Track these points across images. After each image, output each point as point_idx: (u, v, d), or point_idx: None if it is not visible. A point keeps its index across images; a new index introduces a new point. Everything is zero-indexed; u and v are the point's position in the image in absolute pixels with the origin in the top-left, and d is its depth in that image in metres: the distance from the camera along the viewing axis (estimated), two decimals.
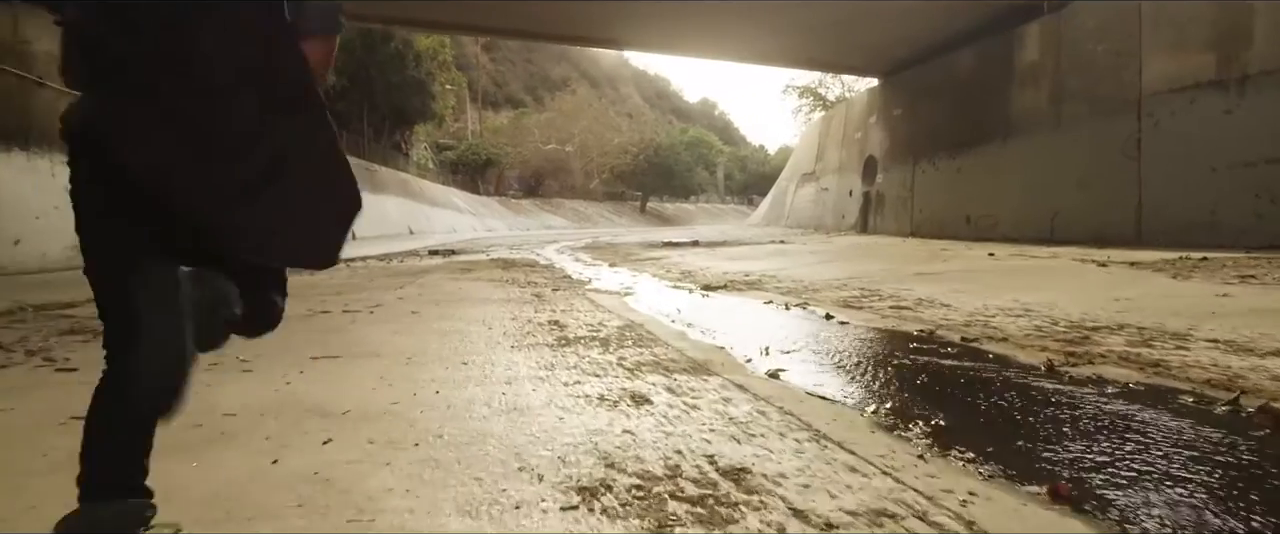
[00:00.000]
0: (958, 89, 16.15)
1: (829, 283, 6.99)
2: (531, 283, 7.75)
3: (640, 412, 2.36)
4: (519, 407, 2.45)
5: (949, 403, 2.57)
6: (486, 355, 3.46)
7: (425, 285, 7.83)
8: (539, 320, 4.71)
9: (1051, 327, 3.94)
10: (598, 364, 3.18)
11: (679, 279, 8.15)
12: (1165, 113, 11.00)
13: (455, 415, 2.35)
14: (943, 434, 2.15)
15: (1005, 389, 2.72)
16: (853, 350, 3.61)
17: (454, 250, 17.08)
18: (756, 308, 5.44)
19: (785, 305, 5.38)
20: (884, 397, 2.65)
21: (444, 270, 10.27)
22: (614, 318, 4.81)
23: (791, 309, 5.21)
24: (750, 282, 7.47)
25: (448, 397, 2.61)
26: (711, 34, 17.24)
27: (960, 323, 4.18)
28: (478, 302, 5.98)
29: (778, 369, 3.09)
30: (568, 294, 6.54)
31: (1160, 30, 11.10)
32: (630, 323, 4.53)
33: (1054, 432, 2.18)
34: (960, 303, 5.05)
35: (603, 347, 3.64)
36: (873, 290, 6.12)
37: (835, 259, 10.71)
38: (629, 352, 3.49)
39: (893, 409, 2.46)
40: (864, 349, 3.64)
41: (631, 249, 16.16)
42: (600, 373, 2.99)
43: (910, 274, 7.53)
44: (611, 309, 5.34)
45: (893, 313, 4.75)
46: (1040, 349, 3.36)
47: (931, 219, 16.91)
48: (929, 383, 2.87)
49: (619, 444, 2.01)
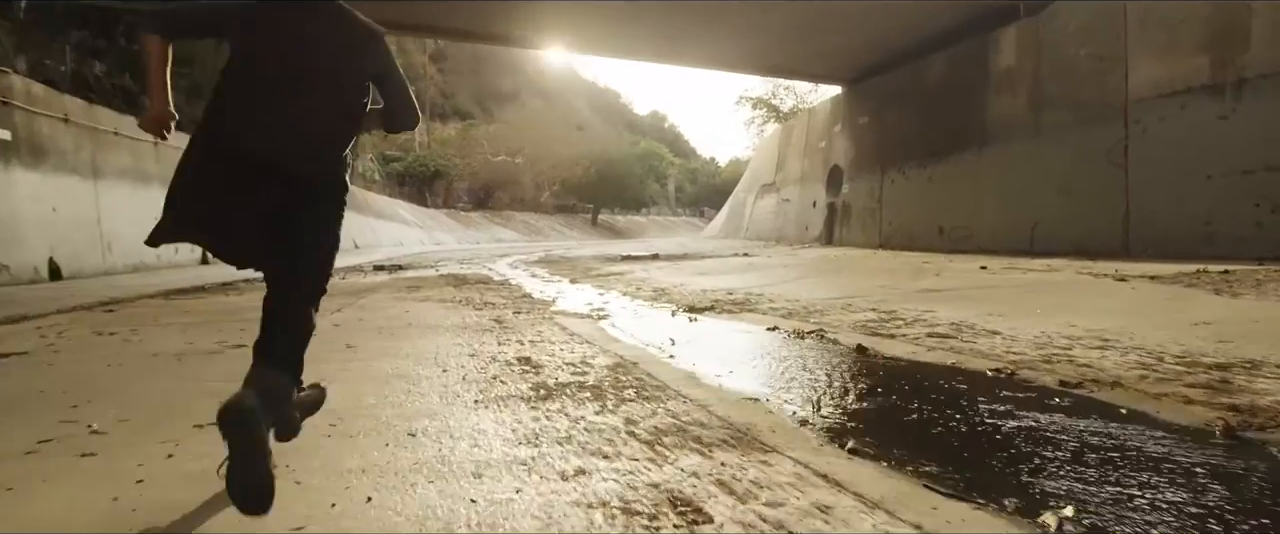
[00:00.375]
0: (929, 96, 15.63)
1: (830, 303, 6.17)
2: (489, 304, 6.79)
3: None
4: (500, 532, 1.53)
5: (1146, 506, 1.72)
6: (443, 417, 2.52)
7: (367, 308, 6.82)
8: (505, 357, 3.78)
9: (1158, 363, 3.15)
10: (600, 433, 2.27)
11: (653, 298, 7.26)
12: (1154, 119, 10.51)
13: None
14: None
15: (1209, 477, 1.89)
16: (930, 404, 2.76)
17: (401, 265, 15.93)
18: (762, 336, 4.58)
19: (796, 333, 4.53)
20: (1048, 497, 1.78)
21: (389, 289, 9.23)
22: (597, 352, 3.91)
23: (806, 338, 4.36)
24: (737, 301, 6.61)
25: (385, 508, 1.67)
26: (669, 38, 16.46)
27: (1036, 358, 3.37)
28: (428, 329, 5.01)
29: (851, 441, 2.21)
30: (533, 318, 5.60)
31: (1148, 32, 10.63)
32: (620, 360, 3.63)
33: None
34: (1010, 329, 4.27)
35: (597, 400, 2.73)
36: (888, 312, 5.31)
37: (815, 273, 9.94)
38: (635, 408, 2.59)
39: (1082, 522, 1.60)
40: (944, 401, 2.79)
41: (590, 263, 15.24)
42: (610, 451, 2.08)
43: (914, 292, 6.76)
44: (590, 339, 4.43)
45: (936, 343, 3.93)
46: (1182, 400, 2.54)
47: (901, 230, 16.33)
48: (1089, 464, 2.02)
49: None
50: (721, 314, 5.72)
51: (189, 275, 12.81)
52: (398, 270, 14.13)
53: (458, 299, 7.42)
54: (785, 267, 11.71)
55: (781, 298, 6.71)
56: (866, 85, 18.21)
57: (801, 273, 10.04)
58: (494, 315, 5.87)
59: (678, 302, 6.76)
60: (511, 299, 7.34)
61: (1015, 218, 13.00)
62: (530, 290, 8.61)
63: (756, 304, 6.30)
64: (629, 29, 15.85)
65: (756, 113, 46.89)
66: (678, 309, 6.12)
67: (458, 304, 6.91)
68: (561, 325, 5.18)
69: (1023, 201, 12.88)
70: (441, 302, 7.27)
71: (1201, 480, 1.84)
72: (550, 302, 7.13)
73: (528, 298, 7.51)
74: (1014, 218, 13.03)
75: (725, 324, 5.17)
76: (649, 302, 6.95)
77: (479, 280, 10.53)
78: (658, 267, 12.98)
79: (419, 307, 6.80)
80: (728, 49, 17.32)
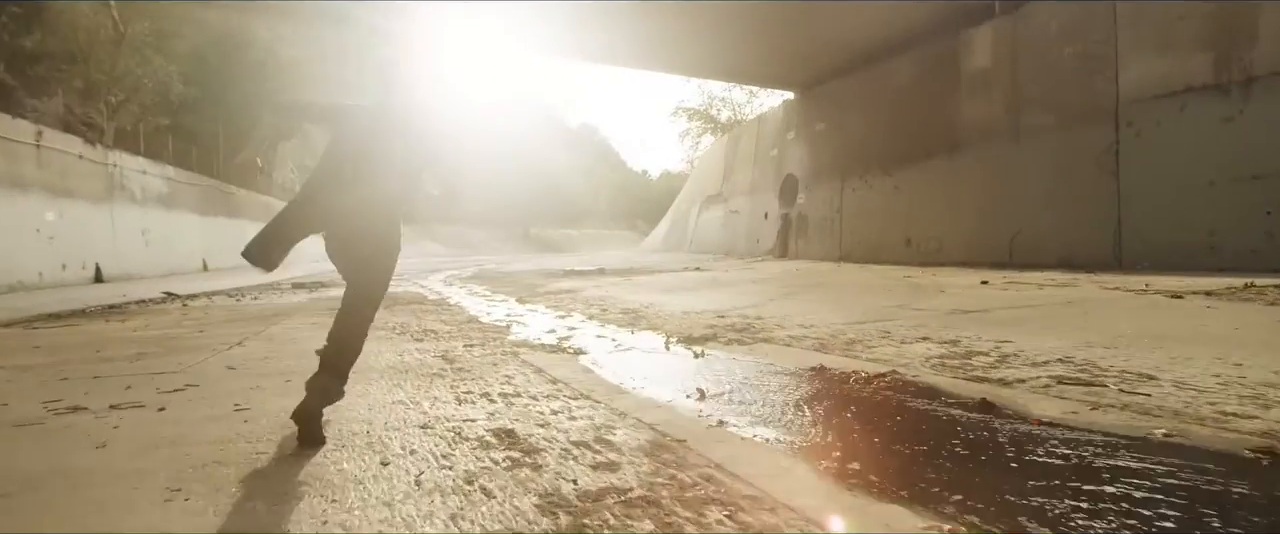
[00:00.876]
0: (893, 100, 14.82)
1: (855, 328, 5.01)
2: (430, 333, 5.43)
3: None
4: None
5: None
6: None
7: (278, 338, 5.41)
8: (476, 430, 2.49)
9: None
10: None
11: (628, 323, 6.00)
12: (1149, 121, 9.80)
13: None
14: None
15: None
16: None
17: (322, 282, 14.28)
18: (823, 384, 3.37)
19: (862, 376, 3.33)
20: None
21: (307, 312, 7.78)
22: (606, 415, 2.65)
23: (892, 389, 3.18)
24: (736, 326, 5.41)
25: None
26: (617, 39, 15.30)
27: (1232, 414, 2.27)
28: (354, 374, 3.67)
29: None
30: (491, 354, 4.29)
31: (1141, 29, 9.93)
32: (655, 435, 2.37)
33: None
34: (1150, 367, 3.16)
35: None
36: (948, 342, 4.17)
37: (801, 289, 8.84)
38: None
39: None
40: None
41: (531, 279, 13.91)
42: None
43: (945, 313, 5.68)
44: (582, 389, 3.16)
45: (1084, 394, 2.79)
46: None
47: (864, 242, 15.47)
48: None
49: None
50: (730, 346, 4.50)
51: (73, 296, 11.05)
52: (319, 288, 12.57)
53: (390, 326, 6.04)
54: (756, 282, 10.61)
55: (788, 322, 5.53)
56: (824, 89, 17.36)
57: (785, 290, 8.93)
58: (440, 350, 4.53)
59: (661, 328, 5.52)
60: (456, 325, 5.99)
61: (992, 228, 12.21)
62: (475, 313, 7.25)
63: (765, 331, 5.10)
64: (572, 28, 14.63)
65: (692, 124, 46.40)
66: (670, 339, 4.88)
67: (391, 333, 5.53)
68: (533, 365, 3.89)
69: (1000, 211, 12.10)
70: (371, 329, 5.88)
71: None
72: (504, 328, 5.80)
73: (476, 324, 6.16)
74: (991, 228, 12.24)
75: (749, 361, 3.96)
76: (625, 328, 5.69)
77: (412, 300, 9.12)
78: (610, 282, 11.74)
79: None
80: (679, 52, 16.26)
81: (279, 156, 42.66)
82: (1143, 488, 1.78)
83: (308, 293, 11.32)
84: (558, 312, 7.27)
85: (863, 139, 15.75)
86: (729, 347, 4.49)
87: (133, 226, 19.89)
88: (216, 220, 27.40)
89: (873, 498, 1.77)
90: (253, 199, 34.14)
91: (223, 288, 13.45)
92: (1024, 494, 1.77)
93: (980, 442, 2.25)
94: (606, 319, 6.35)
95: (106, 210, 18.49)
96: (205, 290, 12.75)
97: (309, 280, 15.38)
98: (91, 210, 17.45)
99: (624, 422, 2.57)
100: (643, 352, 4.45)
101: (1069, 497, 1.73)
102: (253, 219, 32.04)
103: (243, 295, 11.26)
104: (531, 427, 2.51)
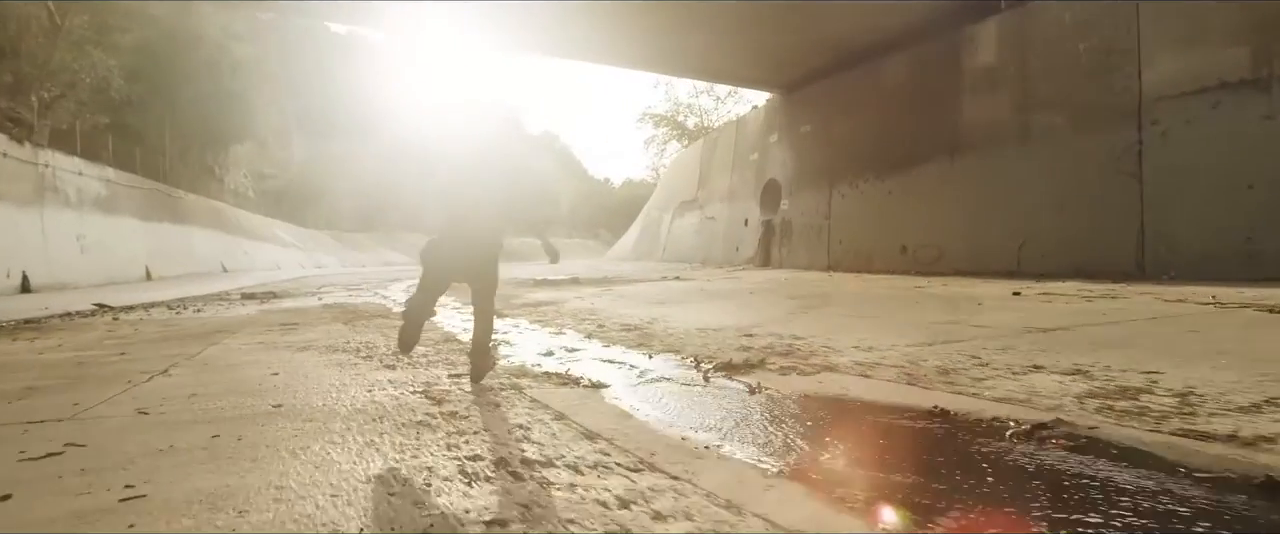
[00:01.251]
0: (887, 100, 14.10)
1: (933, 353, 4.13)
2: (403, 357, 4.43)
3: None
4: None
5: None
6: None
7: (214, 364, 4.38)
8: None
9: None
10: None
11: (638, 343, 5.04)
12: (1177, 120, 9.14)
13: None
14: None
15: None
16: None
17: (275, 293, 13.10)
18: (977, 437, 2.47)
19: (1020, 427, 2.44)
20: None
21: (256, 327, 6.71)
22: (714, 511, 1.71)
23: (1067, 436, 2.29)
24: (774, 349, 4.48)
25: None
26: (591, 33, 14.36)
27: None
28: (307, 423, 2.67)
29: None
30: (491, 396, 3.31)
31: (1167, 21, 9.29)
32: None
33: None
34: None
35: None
36: (1075, 371, 3.28)
37: (815, 304, 7.96)
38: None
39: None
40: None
41: (503, 290, 12.82)
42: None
43: (1015, 330, 4.82)
44: (644, 457, 2.18)
45: None
46: None
47: (856, 250, 14.70)
48: None
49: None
50: (787, 376, 3.58)
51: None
52: (271, 299, 11.46)
53: (353, 346, 5.02)
54: (753, 293, 9.73)
55: (837, 343, 4.62)
56: (811, 90, 16.60)
57: (797, 301, 8.04)
58: (421, 381, 3.54)
59: (681, 350, 4.58)
60: (433, 345, 4.98)
61: (997, 235, 11.50)
62: (450, 329, 6.23)
63: (816, 354, 4.18)
64: (543, 22, 13.65)
65: (659, 131, 45.71)
66: (702, 365, 3.96)
67: (355, 356, 4.52)
68: (548, 406, 2.92)
69: (1006, 217, 11.39)
70: (329, 350, 4.86)
71: None
72: (492, 348, 4.82)
73: (455, 344, 5.14)
74: (995, 235, 11.53)
75: (832, 401, 3.03)
76: (636, 348, 4.74)
77: (376, 313, 8.07)
78: (592, 293, 10.78)
79: (295, 360, 4.39)
80: (658, 48, 15.36)
81: (232, 159, 40.79)
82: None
83: (258, 304, 10.23)
84: (546, 327, 6.31)
85: (853, 142, 15.01)
86: (786, 376, 3.56)
87: (66, 232, 18.34)
88: (161, 226, 25.71)
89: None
90: (202, 204, 32.41)
91: (164, 298, 12.23)
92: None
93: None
94: (608, 338, 5.39)
95: (35, 214, 16.95)
96: (144, 301, 11.52)
97: (260, 290, 14.19)
98: (18, 214, 15.93)
99: (746, 522, 1.63)
100: (678, 384, 3.51)
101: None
102: (202, 225, 30.35)
103: (185, 307, 10.10)
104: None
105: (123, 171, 23.58)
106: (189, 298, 12.23)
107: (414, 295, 3.56)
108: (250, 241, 37.69)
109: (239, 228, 37.18)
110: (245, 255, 34.86)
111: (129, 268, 21.43)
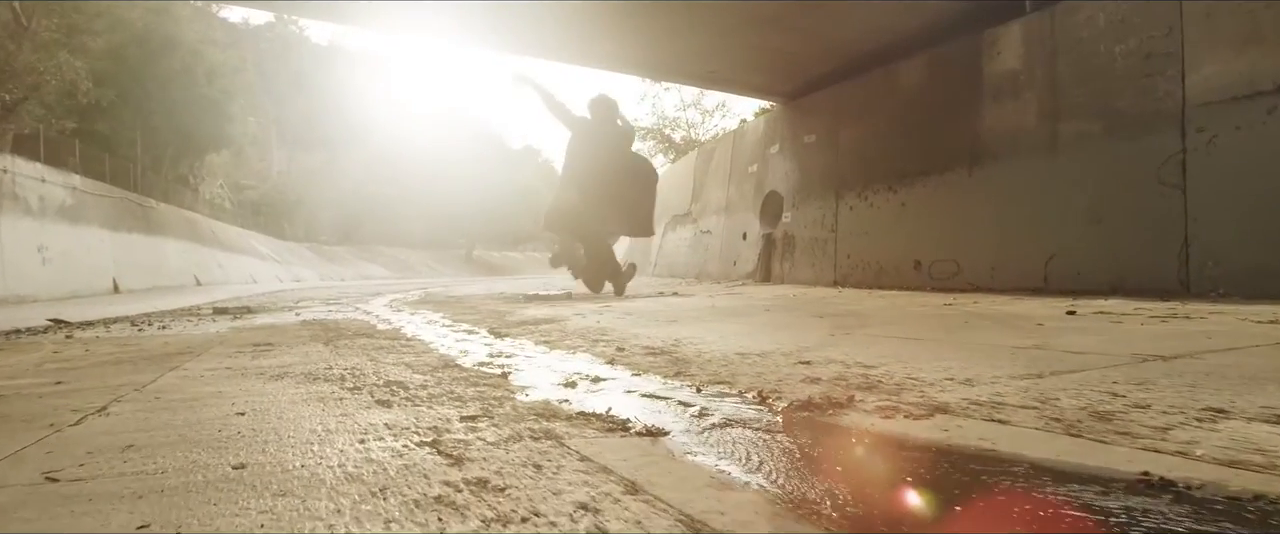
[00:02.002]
0: (899, 108, 13.46)
1: (1058, 389, 3.39)
2: (398, 387, 3.62)
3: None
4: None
5: None
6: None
7: (167, 396, 3.56)
8: None
9: None
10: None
11: (673, 370, 4.26)
12: (1226, 126, 8.53)
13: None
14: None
15: None
16: None
17: (249, 308, 12.20)
18: (1240, 525, 1.74)
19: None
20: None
21: (225, 347, 5.88)
22: None
23: None
24: (846, 380, 3.75)
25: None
26: (585, 34, 13.65)
27: None
28: (279, 493, 1.89)
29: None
30: (516, 438, 2.52)
31: (1215, 21, 8.69)
32: None
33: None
34: None
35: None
36: (1273, 416, 2.59)
37: (851, 325, 7.23)
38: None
39: None
40: None
41: (492, 304, 12.13)
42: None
43: (1125, 358, 4.09)
44: None
45: None
46: None
47: (866, 265, 14.01)
48: None
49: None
50: (887, 417, 2.84)
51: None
52: (245, 314, 10.62)
53: (336, 373, 4.21)
54: (769, 310, 9.00)
55: (920, 374, 3.88)
56: (816, 98, 15.94)
57: (836, 324, 7.31)
58: (425, 425, 2.74)
59: (727, 380, 3.80)
60: (430, 372, 4.19)
61: (1022, 249, 10.85)
62: (446, 352, 5.44)
63: (904, 390, 3.44)
64: (531, 23, 12.91)
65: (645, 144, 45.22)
66: (765, 400, 3.20)
67: (339, 386, 3.71)
68: (607, 469, 2.13)
69: (1032, 230, 10.74)
70: (308, 378, 4.05)
71: None
72: (499, 378, 4.02)
73: (456, 370, 4.35)
74: (1020, 249, 10.88)
75: (971, 457, 2.28)
76: (672, 377, 3.98)
77: (359, 331, 7.26)
78: (592, 310, 10.01)
79: (268, 393, 3.57)
80: (655, 51, 14.67)
81: (207, 168, 39.57)
82: None
83: (230, 320, 9.40)
84: (556, 349, 5.52)
85: (862, 151, 14.35)
86: (891, 420, 2.80)
87: (26, 242, 17.28)
88: (132, 237, 24.59)
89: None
90: (175, 214, 31.28)
91: (129, 313, 11.36)
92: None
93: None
94: (633, 363, 4.61)
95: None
96: (107, 316, 10.67)
97: (234, 305, 13.32)
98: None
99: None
100: (756, 430, 2.73)
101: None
102: (175, 236, 29.24)
103: (150, 323, 9.25)
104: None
105: (90, 179, 22.51)
106: (155, 313, 11.37)
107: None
108: (226, 254, 36.59)
109: (214, 239, 36.08)
110: (220, 268, 33.76)
111: (95, 280, 20.37)
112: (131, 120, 28.42)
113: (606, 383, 3.94)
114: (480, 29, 13.54)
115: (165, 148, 32.29)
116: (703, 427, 2.83)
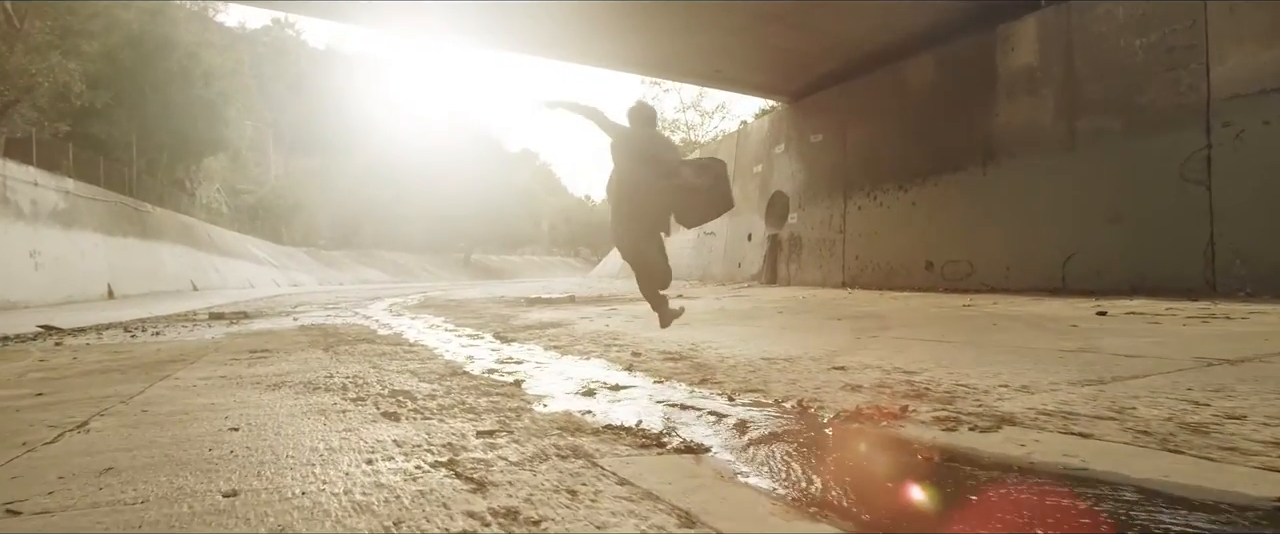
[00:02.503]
0: (909, 106, 13.20)
1: (1128, 397, 3.10)
2: (405, 397, 3.34)
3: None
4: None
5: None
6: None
7: (155, 409, 3.27)
8: None
9: None
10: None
11: (698, 378, 3.99)
12: (1254, 121, 8.27)
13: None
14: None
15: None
16: None
17: (246, 313, 11.92)
18: None
19: None
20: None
21: (220, 354, 5.59)
22: None
23: None
24: (889, 388, 3.48)
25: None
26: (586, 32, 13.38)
27: None
28: (276, 528, 1.60)
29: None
30: (542, 456, 2.24)
31: (1241, 12, 8.44)
32: None
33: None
34: None
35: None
36: None
37: (874, 329, 6.96)
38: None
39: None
40: None
41: (495, 308, 11.86)
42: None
43: (1188, 361, 3.81)
44: None
45: None
46: None
47: (875, 266, 13.74)
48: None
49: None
50: (950, 430, 2.56)
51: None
52: (242, 319, 10.34)
53: (338, 382, 3.92)
54: (781, 313, 8.73)
55: (973, 383, 3.61)
56: (823, 96, 15.68)
57: (858, 327, 7.03)
58: (438, 442, 2.46)
59: (759, 388, 3.53)
60: (437, 380, 3.91)
61: (1038, 249, 10.58)
62: (452, 358, 5.15)
63: (960, 398, 3.17)
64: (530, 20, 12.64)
65: None
66: (805, 411, 2.93)
67: (341, 397, 3.43)
68: (651, 495, 1.85)
69: (1049, 229, 10.47)
70: (308, 388, 3.76)
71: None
72: (511, 387, 3.74)
73: (464, 378, 4.07)
74: (1036, 249, 10.61)
75: (1064, 477, 2.00)
76: (698, 384, 3.70)
77: (359, 337, 6.97)
78: (597, 313, 9.75)
79: (264, 405, 3.29)
80: (656, 49, 14.39)
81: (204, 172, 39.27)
82: None
83: (226, 326, 9.11)
84: (566, 355, 5.25)
85: (871, 150, 14.09)
86: (955, 433, 2.52)
87: (19, 247, 16.97)
88: (127, 241, 24.26)
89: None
90: (171, 219, 30.94)
91: (123, 319, 11.08)
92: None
93: None
94: (653, 370, 4.33)
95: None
96: (99, 322, 10.39)
97: (231, 310, 13.02)
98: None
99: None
100: (803, 445, 2.46)
101: None
102: (172, 241, 28.89)
103: (143, 329, 8.97)
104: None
105: (84, 183, 22.17)
106: (150, 318, 11.09)
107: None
108: (223, 259, 36.24)
109: (211, 244, 35.73)
110: (217, 273, 33.43)
111: (89, 286, 20.05)
112: (126, 123, 28.10)
113: (628, 391, 3.66)
114: (477, 27, 13.28)
115: (161, 151, 31.97)
116: (746, 442, 2.55)
